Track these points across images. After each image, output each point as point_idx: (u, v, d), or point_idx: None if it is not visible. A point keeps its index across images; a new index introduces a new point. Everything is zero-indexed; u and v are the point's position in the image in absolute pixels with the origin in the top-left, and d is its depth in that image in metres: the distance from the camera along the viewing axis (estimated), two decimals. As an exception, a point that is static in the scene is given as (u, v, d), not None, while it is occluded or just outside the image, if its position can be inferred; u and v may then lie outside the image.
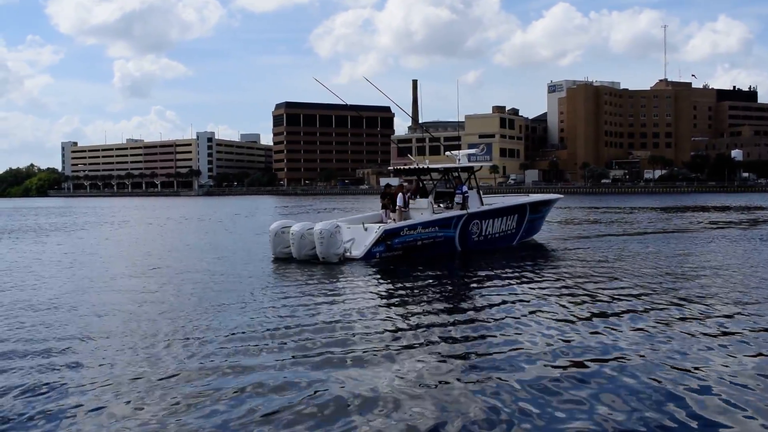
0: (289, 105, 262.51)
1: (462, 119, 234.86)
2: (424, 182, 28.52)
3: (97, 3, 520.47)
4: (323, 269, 21.17)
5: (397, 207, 25.50)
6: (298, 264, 22.54)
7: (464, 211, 25.99)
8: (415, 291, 17.16)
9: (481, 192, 28.08)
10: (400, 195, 25.63)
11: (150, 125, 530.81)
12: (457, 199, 26.28)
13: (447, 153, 30.50)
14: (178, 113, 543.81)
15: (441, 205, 27.00)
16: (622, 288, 16.99)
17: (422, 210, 25.96)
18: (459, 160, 28.37)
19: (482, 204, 27.47)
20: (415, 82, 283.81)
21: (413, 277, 19.73)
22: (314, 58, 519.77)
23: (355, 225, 24.77)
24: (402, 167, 28.46)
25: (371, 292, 17.01)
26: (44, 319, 13.80)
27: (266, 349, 10.91)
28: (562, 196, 35.73)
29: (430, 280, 19.16)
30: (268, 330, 12.19)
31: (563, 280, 18.51)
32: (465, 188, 26.40)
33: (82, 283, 19.22)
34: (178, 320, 13.19)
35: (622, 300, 15.29)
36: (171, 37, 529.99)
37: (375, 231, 23.68)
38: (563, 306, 14.73)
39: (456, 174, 27.67)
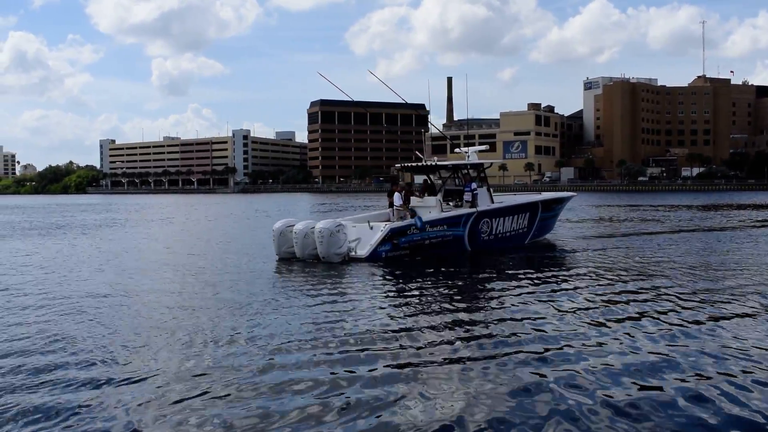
0: (323, 103, 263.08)
1: (497, 116, 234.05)
2: (433, 180, 27.53)
3: (135, 2, 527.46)
4: (323, 270, 20.59)
5: (394, 206, 24.82)
6: (301, 264, 21.96)
7: (474, 209, 25.34)
8: (428, 293, 16.61)
9: (491, 189, 27.40)
10: (396, 194, 24.89)
11: (187, 123, 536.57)
12: (467, 197, 25.66)
13: (456, 150, 29.93)
14: (215, 111, 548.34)
15: (450, 203, 26.31)
16: (653, 289, 16.66)
17: (431, 208, 25.27)
18: (468, 157, 27.79)
19: (492, 202, 26.77)
20: (449, 80, 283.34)
21: (423, 277, 19.09)
22: (350, 55, 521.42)
23: (361, 224, 24.13)
24: (410, 164, 28.01)
25: (376, 294, 16.52)
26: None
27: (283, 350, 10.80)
28: (575, 194, 35.03)
29: (440, 280, 18.76)
30: (285, 333, 11.91)
31: (585, 280, 18.16)
32: (474, 186, 25.75)
33: (118, 281, 19.51)
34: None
35: (651, 301, 15.04)
36: (208, 35, 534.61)
37: (381, 230, 23.05)
38: (587, 305, 14.52)
39: (465, 171, 27.06)
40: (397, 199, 24.77)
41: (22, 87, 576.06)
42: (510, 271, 20.30)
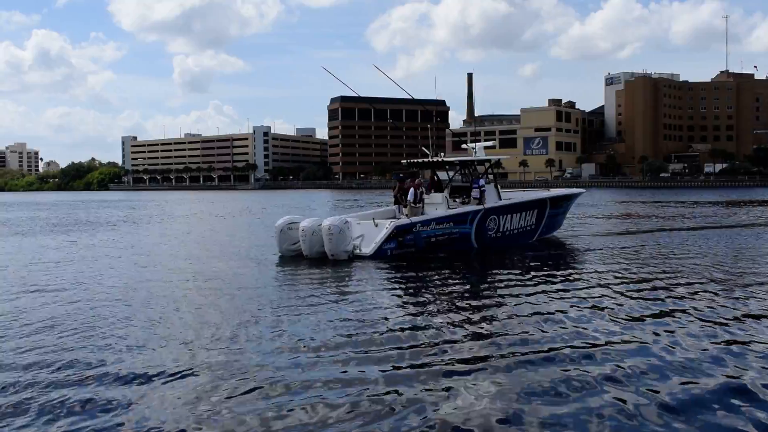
0: (344, 99, 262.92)
1: (518, 113, 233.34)
2: (439, 176, 27.07)
3: (157, 0, 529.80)
4: (334, 268, 20.21)
5: (407, 202, 24.22)
6: (308, 263, 21.48)
7: (481, 206, 24.81)
8: (442, 291, 16.30)
9: (498, 186, 26.80)
10: (411, 190, 24.25)
11: (208, 120, 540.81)
12: (474, 193, 25.20)
13: (464, 146, 29.29)
14: (236, 108, 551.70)
15: (457, 200, 25.87)
16: (683, 285, 16.57)
17: (437, 205, 24.90)
18: (475, 153, 27.04)
19: (500, 198, 26.16)
20: (470, 76, 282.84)
21: (434, 276, 18.85)
22: (370, 52, 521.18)
23: (366, 221, 23.58)
24: (416, 160, 27.55)
25: (388, 292, 16.22)
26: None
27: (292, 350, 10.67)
28: (584, 190, 34.51)
29: (452, 278, 18.56)
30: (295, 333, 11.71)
31: (606, 276, 17.97)
32: (482, 182, 25.35)
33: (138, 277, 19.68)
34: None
35: (682, 298, 14.93)
36: (230, 32, 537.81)
37: (386, 227, 22.55)
38: (611, 302, 14.37)
39: (473, 167, 26.69)
40: (411, 195, 24.17)
41: (46, 85, 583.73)
42: (524, 268, 20.08)
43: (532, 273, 18.91)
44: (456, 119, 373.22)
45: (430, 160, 26.37)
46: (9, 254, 26.68)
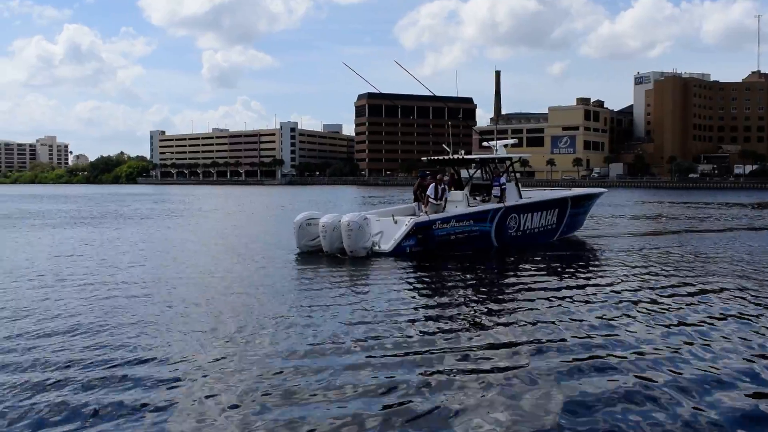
0: (371, 96, 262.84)
1: (546, 111, 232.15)
2: (459, 174, 27.02)
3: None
4: (352, 265, 20.16)
5: (427, 199, 23.99)
6: (327, 259, 21.43)
7: (501, 204, 24.56)
8: (465, 292, 15.92)
9: (519, 184, 26.66)
10: (432, 185, 24.04)
11: (235, 115, 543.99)
12: (495, 191, 24.96)
13: (484, 143, 28.95)
14: (263, 103, 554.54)
15: (477, 198, 25.68)
16: (716, 291, 16.38)
17: (457, 203, 24.61)
18: (496, 150, 26.74)
19: (521, 197, 25.94)
20: (498, 74, 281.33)
21: (456, 274, 18.75)
22: (398, 49, 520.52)
23: (385, 217, 23.47)
24: (437, 158, 27.14)
25: (406, 290, 16.10)
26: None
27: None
28: (606, 190, 33.97)
29: (476, 277, 18.41)
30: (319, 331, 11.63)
31: (636, 279, 17.64)
32: (503, 180, 25.11)
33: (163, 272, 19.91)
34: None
35: (716, 303, 14.77)
36: (258, 28, 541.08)
37: (405, 224, 22.41)
38: (642, 305, 14.16)
39: (494, 165, 26.28)
40: (431, 191, 23.93)
41: (76, 79, 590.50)
42: (546, 269, 19.80)
43: (555, 273, 18.75)
44: (483, 117, 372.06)
45: (451, 157, 26.16)
46: (35, 245, 27.09)
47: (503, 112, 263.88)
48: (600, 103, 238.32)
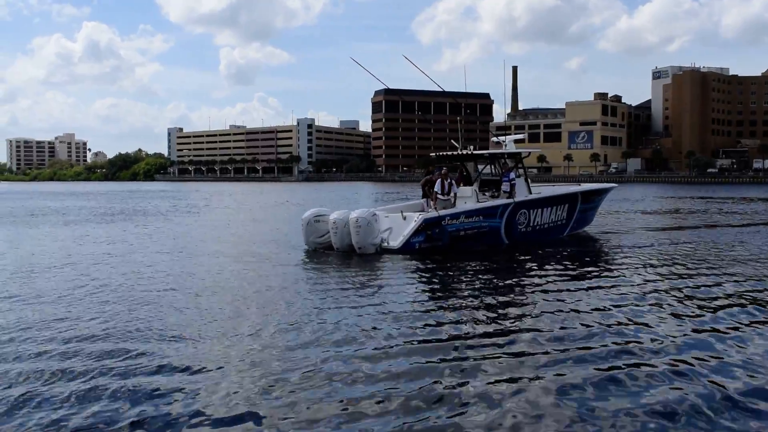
0: (388, 92, 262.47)
1: (563, 106, 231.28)
2: (468, 170, 26.71)
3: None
4: (361, 262, 20.03)
5: (434, 194, 23.66)
6: (336, 256, 21.25)
7: (511, 200, 24.22)
8: (478, 288, 15.77)
9: (529, 180, 26.21)
10: (439, 181, 23.72)
11: (253, 111, 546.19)
12: (504, 187, 24.55)
13: (494, 139, 28.69)
14: (280, 100, 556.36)
15: (487, 193, 25.41)
16: (736, 283, 16.36)
17: (466, 198, 24.35)
18: (506, 146, 26.58)
19: (530, 192, 25.56)
20: (515, 69, 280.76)
21: (468, 271, 18.41)
22: (416, 45, 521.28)
23: (394, 213, 23.22)
24: (445, 153, 26.94)
25: (417, 286, 16.08)
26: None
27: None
28: (616, 185, 33.43)
29: (484, 273, 18.13)
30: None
31: (640, 273, 17.58)
32: (513, 175, 24.70)
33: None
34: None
35: (736, 296, 14.78)
36: (276, 25, 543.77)
37: (414, 220, 22.15)
38: (663, 299, 14.16)
39: (503, 161, 25.99)
40: (438, 186, 23.62)
41: (95, 76, 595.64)
42: (558, 264, 19.67)
43: (567, 269, 18.65)
44: (500, 113, 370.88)
45: (460, 152, 25.95)
46: (61, 240, 27.44)
47: (520, 108, 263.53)
48: (617, 98, 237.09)
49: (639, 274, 17.49)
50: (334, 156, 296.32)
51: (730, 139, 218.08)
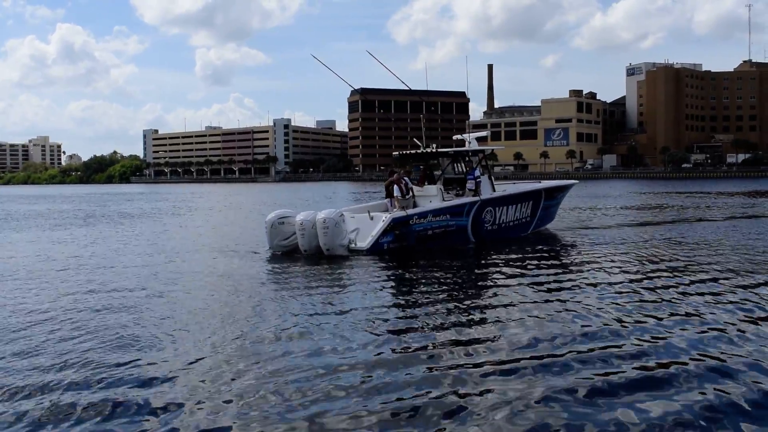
0: (364, 91, 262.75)
1: (539, 104, 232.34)
2: (431, 168, 26.26)
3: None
4: (330, 264, 19.23)
5: (395, 198, 23.16)
6: (304, 259, 20.45)
7: (477, 198, 23.84)
8: (454, 289, 15.35)
9: (492, 177, 25.68)
10: (396, 186, 23.17)
11: (229, 112, 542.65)
12: (470, 185, 24.16)
13: (455, 136, 28.29)
14: (256, 100, 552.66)
15: (451, 192, 24.89)
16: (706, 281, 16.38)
17: (431, 197, 23.92)
18: (469, 143, 25.91)
19: (494, 190, 25.10)
20: (490, 67, 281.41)
21: (440, 271, 17.77)
22: (392, 44, 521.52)
23: (360, 213, 22.70)
24: (408, 152, 26.45)
25: (390, 289, 15.55)
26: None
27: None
28: (577, 181, 32.92)
29: (463, 274, 17.78)
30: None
31: (613, 270, 17.60)
32: (478, 173, 24.35)
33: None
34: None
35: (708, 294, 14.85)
36: (252, 25, 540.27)
37: (382, 220, 21.53)
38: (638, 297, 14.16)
39: (467, 158, 25.72)
40: (397, 192, 23.06)
41: (69, 78, 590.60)
42: (527, 262, 19.37)
43: (540, 267, 18.31)
44: (477, 111, 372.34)
45: (423, 151, 25.43)
46: (48, 244, 27.14)
47: (496, 105, 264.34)
48: (592, 95, 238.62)
49: (611, 273, 17.32)
50: (311, 156, 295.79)
51: (704, 134, 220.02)
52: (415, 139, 26.69)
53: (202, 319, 12.55)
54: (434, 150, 25.33)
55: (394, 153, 28.29)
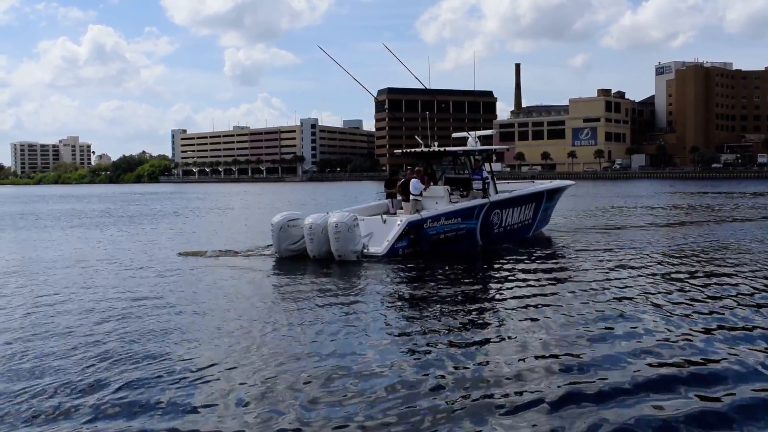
0: (391, 91, 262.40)
1: (567, 104, 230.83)
2: (433, 168, 25.55)
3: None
4: (343, 271, 18.22)
5: (411, 196, 22.24)
6: (313, 264, 19.44)
7: (486, 200, 23.01)
8: (480, 295, 15.06)
9: (494, 177, 24.79)
10: (414, 181, 22.38)
11: (257, 112, 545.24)
12: (477, 185, 23.35)
13: (455, 135, 27.45)
14: (284, 100, 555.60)
15: (455, 193, 23.93)
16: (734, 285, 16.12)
17: (438, 198, 22.96)
18: (476, 141, 24.93)
19: (497, 191, 24.28)
20: (518, 66, 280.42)
21: (463, 277, 17.13)
22: (420, 44, 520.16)
23: (371, 217, 21.79)
24: (411, 150, 25.35)
25: (412, 297, 14.86)
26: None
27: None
28: (574, 182, 32.10)
29: (487, 280, 17.36)
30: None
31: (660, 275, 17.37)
32: (486, 173, 23.52)
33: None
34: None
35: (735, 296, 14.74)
36: (281, 26, 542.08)
37: (397, 224, 20.60)
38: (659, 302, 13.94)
39: (475, 158, 24.47)
40: (416, 187, 22.26)
41: (100, 79, 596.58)
42: (541, 265, 18.92)
43: (556, 271, 17.92)
44: (504, 110, 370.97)
45: (424, 150, 24.48)
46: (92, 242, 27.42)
47: (524, 105, 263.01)
48: (621, 94, 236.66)
49: (640, 274, 17.27)
50: (338, 156, 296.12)
51: (734, 134, 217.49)
52: (417, 138, 25.93)
53: (214, 325, 12.33)
54: (437, 149, 24.47)
55: (395, 151, 27.68)
